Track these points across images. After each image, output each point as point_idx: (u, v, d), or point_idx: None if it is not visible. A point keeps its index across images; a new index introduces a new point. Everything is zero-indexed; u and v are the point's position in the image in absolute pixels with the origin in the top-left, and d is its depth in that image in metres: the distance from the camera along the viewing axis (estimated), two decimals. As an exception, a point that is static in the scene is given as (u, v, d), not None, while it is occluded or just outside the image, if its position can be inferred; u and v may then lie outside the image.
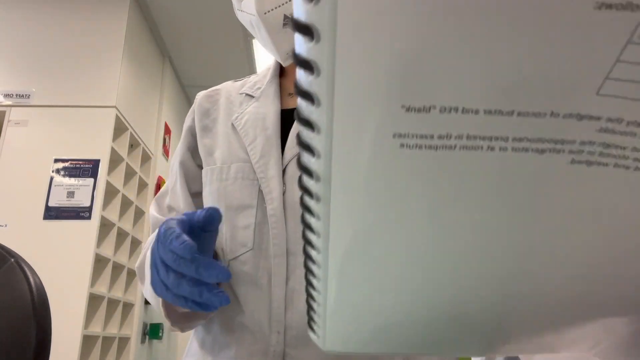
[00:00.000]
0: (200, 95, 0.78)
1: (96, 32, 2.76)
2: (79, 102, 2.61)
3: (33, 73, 2.66)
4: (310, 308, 0.25)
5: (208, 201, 0.68)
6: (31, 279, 0.75)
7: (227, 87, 0.78)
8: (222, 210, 0.61)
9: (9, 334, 0.73)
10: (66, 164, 2.49)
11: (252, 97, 0.73)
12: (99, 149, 2.52)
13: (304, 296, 0.54)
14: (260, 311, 0.60)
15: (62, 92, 2.63)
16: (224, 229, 0.65)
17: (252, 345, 0.60)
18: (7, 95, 2.62)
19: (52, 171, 2.47)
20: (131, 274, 2.78)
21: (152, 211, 0.74)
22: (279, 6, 0.63)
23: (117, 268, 2.68)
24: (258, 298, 0.60)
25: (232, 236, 0.64)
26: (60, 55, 2.70)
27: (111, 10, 2.81)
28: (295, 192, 0.62)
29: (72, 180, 2.45)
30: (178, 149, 0.78)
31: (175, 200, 0.73)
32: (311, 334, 0.30)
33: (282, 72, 0.76)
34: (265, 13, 0.63)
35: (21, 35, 2.73)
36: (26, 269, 0.74)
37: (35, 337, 0.70)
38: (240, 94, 0.75)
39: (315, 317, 0.25)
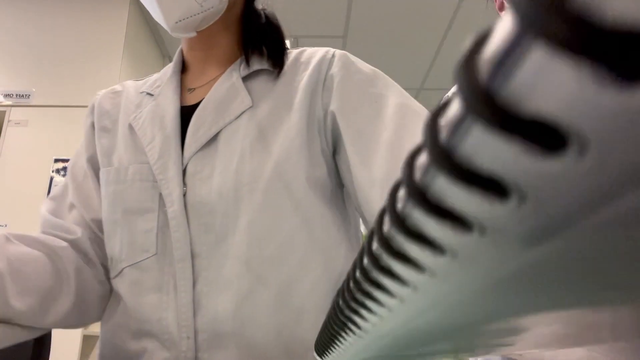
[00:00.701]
0: (101, 94, 0.74)
1: (96, 32, 2.76)
2: (79, 102, 2.61)
3: (33, 73, 2.66)
4: (329, 347, 0.25)
5: (104, 204, 0.64)
6: (30, 279, 0.74)
7: (128, 87, 0.74)
8: (118, 214, 0.62)
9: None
10: (66, 164, 2.49)
11: (151, 95, 0.69)
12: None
13: (214, 297, 0.59)
14: (168, 318, 0.57)
15: (62, 92, 2.63)
16: (118, 234, 0.62)
17: (162, 353, 0.57)
18: (7, 95, 2.62)
19: (52, 171, 2.47)
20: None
21: (44, 211, 0.67)
22: None
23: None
24: (165, 304, 0.58)
25: (130, 241, 0.60)
26: (60, 55, 2.70)
27: (111, 10, 2.81)
28: (197, 192, 0.59)
29: (72, 181, 2.45)
30: (80, 148, 0.72)
31: (83, 196, 0.68)
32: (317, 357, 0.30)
33: (184, 68, 0.73)
34: None
35: (21, 35, 2.73)
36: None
37: (34, 338, 0.69)
38: (141, 93, 0.71)
39: (334, 352, 0.25)
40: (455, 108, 0.08)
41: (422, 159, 0.09)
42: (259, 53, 0.68)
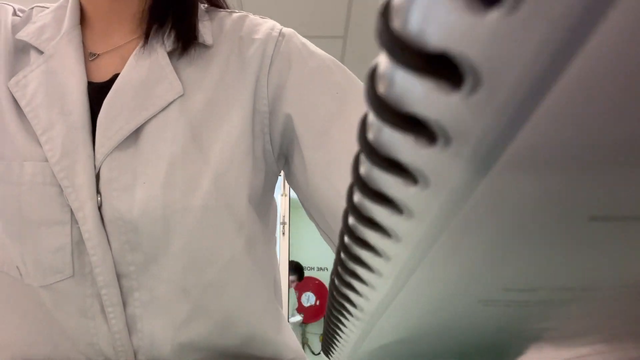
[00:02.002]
0: None
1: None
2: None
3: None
4: (334, 339, 0.25)
5: None
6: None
7: (6, 22, 0.52)
8: (15, 224, 0.46)
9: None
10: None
11: (39, 51, 0.50)
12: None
13: (149, 320, 0.48)
14: (100, 342, 0.49)
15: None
16: (18, 248, 0.47)
17: None
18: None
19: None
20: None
21: None
22: None
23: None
24: (93, 330, 0.48)
25: (36, 261, 0.47)
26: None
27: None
28: (115, 205, 0.46)
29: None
30: None
31: None
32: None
33: (81, 20, 0.53)
34: None
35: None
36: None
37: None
38: (18, 39, 0.51)
39: (339, 348, 0.25)
40: (382, 59, 0.08)
41: (369, 116, 0.09)
42: (172, 25, 0.51)
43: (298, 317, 3.92)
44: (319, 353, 3.98)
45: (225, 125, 0.49)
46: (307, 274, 4.22)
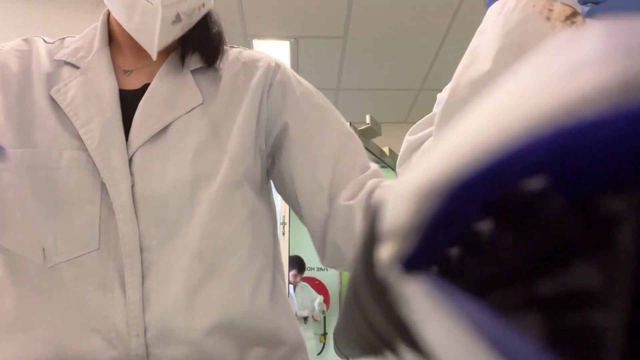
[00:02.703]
0: (3, 50, 0.64)
1: (96, 33, 2.77)
2: (79, 103, 2.62)
3: (33, 74, 2.67)
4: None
5: (22, 190, 0.56)
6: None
7: (38, 48, 0.65)
8: (50, 204, 0.55)
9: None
10: None
11: (75, 67, 0.62)
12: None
13: (163, 292, 0.56)
14: (115, 316, 0.55)
15: (62, 93, 2.63)
16: (50, 225, 0.56)
17: (109, 352, 0.55)
18: (7, 96, 2.62)
19: (53, 172, 2.47)
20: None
21: None
22: (178, 2, 0.58)
23: None
24: (110, 301, 0.55)
25: (67, 235, 0.55)
26: (61, 56, 2.70)
27: (111, 11, 2.81)
28: (147, 184, 0.56)
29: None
30: None
31: None
32: None
33: (110, 41, 0.66)
34: (166, 6, 0.57)
35: (21, 35, 2.73)
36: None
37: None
38: (57, 60, 0.63)
39: None
40: None
41: None
42: (200, 49, 0.65)
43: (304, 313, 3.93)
44: (320, 353, 3.98)
45: (238, 124, 0.62)
46: (307, 274, 4.23)
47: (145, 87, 0.62)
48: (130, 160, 0.57)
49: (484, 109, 0.10)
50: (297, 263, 3.90)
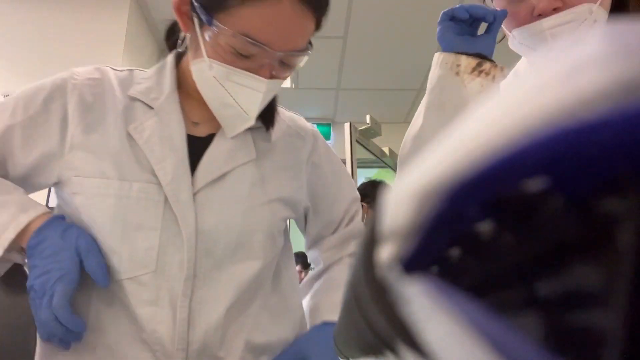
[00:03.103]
0: (79, 78, 0.69)
1: (96, 32, 2.76)
2: (79, 103, 2.61)
3: (33, 73, 2.66)
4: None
5: (96, 215, 0.63)
6: (30, 280, 0.74)
7: (110, 79, 0.70)
8: (118, 228, 0.63)
9: (9, 336, 0.72)
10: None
11: (149, 107, 0.68)
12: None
13: (206, 313, 0.66)
14: (162, 330, 0.63)
15: (62, 93, 2.63)
16: (119, 246, 0.63)
17: None
18: (7, 96, 2.61)
19: (53, 172, 2.47)
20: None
21: None
22: (261, 109, 0.68)
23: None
24: (159, 317, 0.63)
25: (131, 256, 0.63)
26: (61, 56, 2.70)
27: (111, 11, 2.81)
28: (206, 220, 0.66)
29: (73, 181, 2.45)
30: (19, 113, 0.66)
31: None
32: None
33: (178, 84, 0.72)
34: (254, 117, 0.67)
35: (21, 35, 2.73)
36: (25, 270, 0.74)
37: (35, 338, 0.69)
38: (131, 97, 0.69)
39: None
40: None
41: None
42: (266, 115, 0.74)
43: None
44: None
45: (281, 181, 0.74)
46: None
47: (209, 136, 0.71)
48: (194, 197, 0.66)
49: (484, 109, 0.10)
50: (301, 259, 3.90)
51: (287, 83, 3.76)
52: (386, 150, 2.57)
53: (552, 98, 0.09)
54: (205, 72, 0.63)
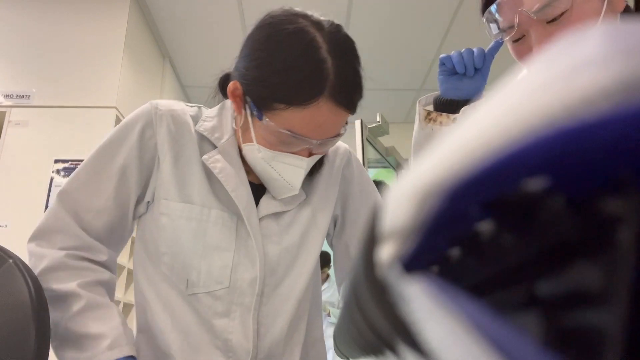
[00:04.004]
0: (164, 110, 0.77)
1: (96, 33, 2.76)
2: (79, 103, 2.61)
3: (33, 74, 2.66)
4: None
5: (181, 235, 0.73)
6: (30, 280, 0.74)
7: (185, 117, 0.78)
8: (199, 247, 0.73)
9: (7, 336, 0.72)
10: (66, 165, 2.49)
11: (211, 143, 0.77)
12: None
13: (271, 325, 0.76)
14: (232, 340, 0.72)
15: (63, 93, 2.63)
16: (198, 264, 0.73)
17: None
18: (7, 96, 2.62)
19: (53, 172, 2.47)
20: (131, 275, 2.78)
21: (60, 208, 0.73)
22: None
23: (117, 268, 2.68)
24: (231, 328, 0.72)
25: (208, 273, 0.73)
26: (61, 56, 2.70)
27: (111, 11, 2.81)
28: (268, 244, 0.76)
29: (72, 181, 2.45)
30: (124, 151, 0.75)
31: (119, 209, 0.75)
32: None
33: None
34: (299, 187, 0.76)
35: (21, 35, 2.73)
36: (24, 270, 0.74)
37: (34, 339, 0.69)
38: (198, 132, 0.77)
39: None
40: None
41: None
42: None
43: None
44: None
45: (327, 210, 0.83)
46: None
47: (262, 186, 0.79)
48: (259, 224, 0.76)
49: (485, 110, 0.10)
50: (322, 258, 3.91)
51: (287, 83, 3.77)
52: (395, 147, 2.58)
53: (552, 98, 0.09)
54: (255, 153, 0.72)
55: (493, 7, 0.69)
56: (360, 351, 0.23)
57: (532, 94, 0.09)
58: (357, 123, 2.21)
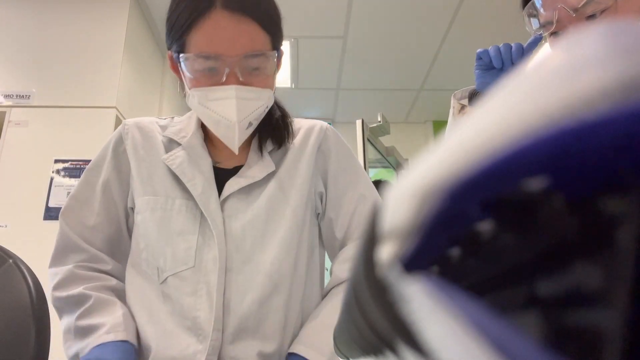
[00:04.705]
0: (130, 124, 0.88)
1: (96, 32, 2.76)
2: (79, 103, 2.61)
3: (33, 74, 2.66)
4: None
5: (149, 226, 0.79)
6: (30, 280, 0.74)
7: (152, 126, 0.88)
8: (165, 235, 0.77)
9: (7, 335, 0.72)
10: (66, 165, 2.49)
11: (177, 143, 0.84)
12: (99, 149, 2.52)
13: (240, 301, 0.77)
14: (201, 317, 0.74)
15: (63, 93, 2.63)
16: (165, 250, 0.77)
17: (197, 345, 0.73)
18: (7, 96, 2.62)
19: (53, 172, 2.47)
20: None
21: (67, 229, 0.81)
22: (248, 115, 0.76)
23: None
24: (198, 306, 0.74)
25: (174, 256, 0.76)
26: (61, 56, 2.70)
27: (111, 10, 2.81)
28: (232, 224, 0.78)
29: (73, 181, 2.45)
30: (104, 168, 0.84)
31: (111, 214, 0.83)
32: None
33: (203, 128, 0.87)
34: (240, 121, 0.75)
35: (21, 35, 2.73)
36: (24, 270, 0.74)
37: (34, 338, 0.69)
38: (165, 136, 0.85)
39: None
40: None
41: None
42: (271, 135, 0.86)
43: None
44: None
45: (297, 185, 0.83)
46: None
47: (236, 168, 0.83)
48: (222, 207, 0.78)
49: (485, 109, 0.10)
50: None
51: (287, 83, 3.77)
52: (395, 147, 2.58)
53: (552, 97, 0.09)
54: (193, 102, 0.76)
55: (538, 2, 0.69)
56: (360, 351, 0.23)
57: (532, 94, 0.09)
58: (358, 123, 2.21)
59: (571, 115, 0.08)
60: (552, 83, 0.09)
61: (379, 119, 2.38)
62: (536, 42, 0.80)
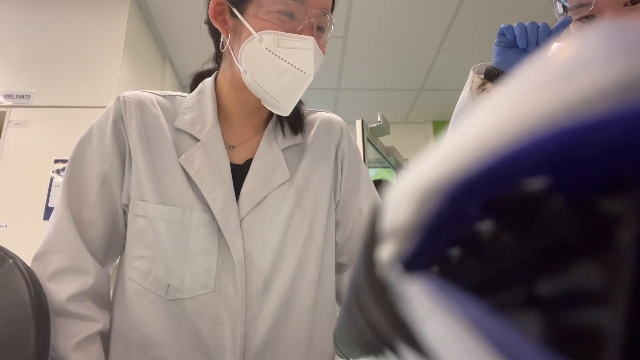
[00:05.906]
0: (132, 103, 0.76)
1: (96, 33, 2.76)
2: (79, 103, 2.61)
3: (33, 74, 2.66)
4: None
5: (162, 239, 0.70)
6: (30, 280, 0.74)
7: (155, 110, 0.76)
8: (183, 251, 0.70)
9: (7, 336, 0.72)
10: (66, 165, 2.49)
11: (195, 138, 0.74)
12: (99, 149, 2.52)
13: (259, 326, 0.71)
14: (223, 344, 0.69)
15: (63, 93, 2.63)
16: (181, 268, 0.69)
17: None
18: (7, 96, 2.62)
19: (53, 172, 2.47)
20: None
21: (65, 221, 0.76)
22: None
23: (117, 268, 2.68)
24: (220, 333, 0.69)
25: (192, 277, 0.69)
26: (61, 56, 2.70)
27: (111, 11, 2.81)
28: (252, 244, 0.72)
29: (73, 181, 2.45)
30: (101, 155, 0.76)
31: (94, 214, 0.74)
32: None
33: (219, 114, 0.78)
34: (312, 75, 0.70)
35: (21, 35, 2.73)
36: (24, 270, 0.74)
37: (34, 338, 0.69)
38: (177, 129, 0.75)
39: None
40: None
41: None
42: (290, 128, 0.81)
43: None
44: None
45: (315, 195, 0.78)
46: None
47: (247, 163, 0.76)
48: (240, 224, 0.72)
49: (485, 109, 0.10)
50: None
51: (287, 83, 3.76)
52: (395, 147, 2.58)
53: (552, 97, 0.09)
54: (257, 48, 0.67)
55: None
56: (360, 351, 0.23)
57: (532, 94, 0.09)
58: (358, 123, 2.21)
59: (571, 115, 0.08)
60: (552, 83, 0.09)
61: (379, 119, 2.38)
62: (564, 25, 0.76)
